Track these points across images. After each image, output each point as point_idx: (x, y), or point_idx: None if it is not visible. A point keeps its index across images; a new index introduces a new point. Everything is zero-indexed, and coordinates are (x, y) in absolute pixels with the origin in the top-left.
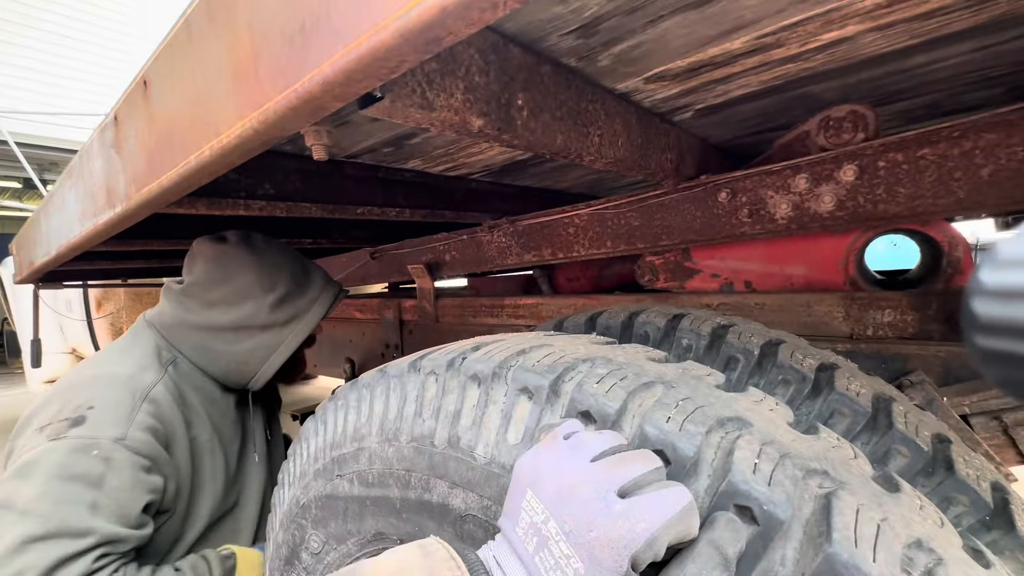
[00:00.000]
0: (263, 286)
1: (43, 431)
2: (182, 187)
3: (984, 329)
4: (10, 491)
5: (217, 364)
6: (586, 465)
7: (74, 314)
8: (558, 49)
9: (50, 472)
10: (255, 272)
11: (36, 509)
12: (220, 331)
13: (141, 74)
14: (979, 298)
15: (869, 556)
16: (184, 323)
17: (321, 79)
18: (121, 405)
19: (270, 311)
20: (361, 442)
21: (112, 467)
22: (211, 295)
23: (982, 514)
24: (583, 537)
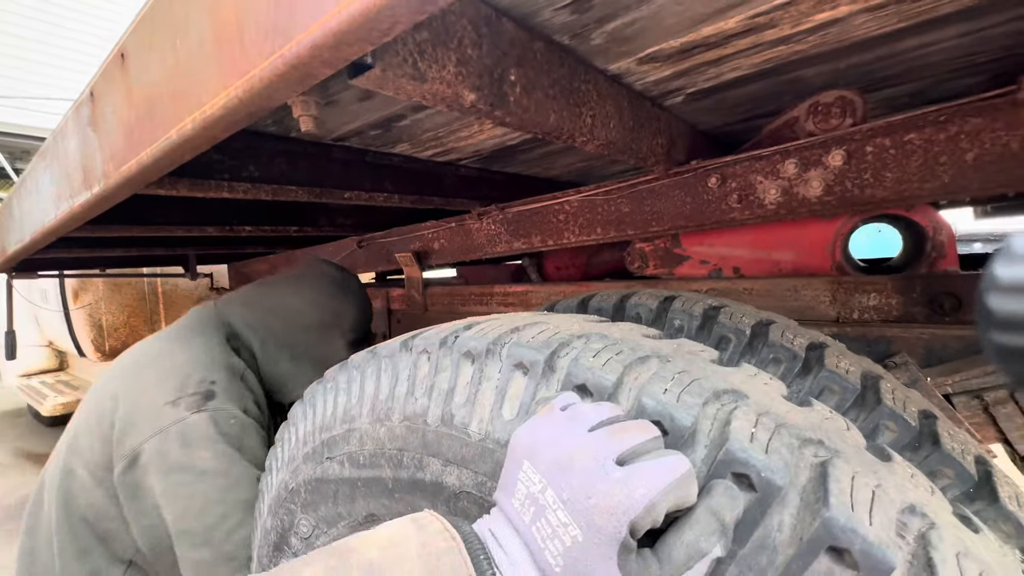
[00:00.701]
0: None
1: (178, 404)
2: (163, 164)
3: (1000, 325)
4: (181, 458)
5: (273, 374)
6: (584, 435)
7: (50, 305)
8: (551, 25)
9: (211, 438)
10: (355, 311)
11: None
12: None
13: (118, 47)
14: (995, 293)
15: (866, 519)
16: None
17: (310, 43)
18: (233, 382)
19: (346, 350)
20: (352, 423)
21: (247, 434)
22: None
23: (967, 486)
24: (581, 504)
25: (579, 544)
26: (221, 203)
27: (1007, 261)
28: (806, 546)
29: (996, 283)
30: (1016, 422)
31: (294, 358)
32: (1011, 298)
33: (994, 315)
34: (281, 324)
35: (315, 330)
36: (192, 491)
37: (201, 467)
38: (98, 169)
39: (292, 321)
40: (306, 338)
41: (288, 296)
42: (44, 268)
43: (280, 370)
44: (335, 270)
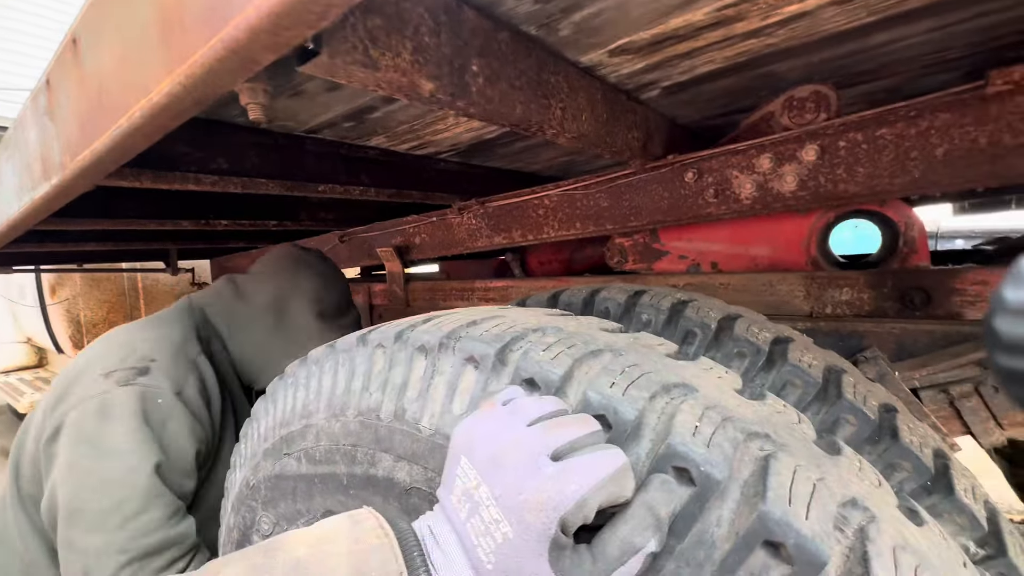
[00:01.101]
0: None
1: (110, 376)
2: (117, 154)
3: (1007, 348)
4: (93, 430)
5: (243, 358)
6: (521, 430)
7: (27, 301)
8: (516, 14)
9: (130, 414)
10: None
11: (132, 449)
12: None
13: (71, 32)
14: (1002, 316)
15: (802, 513)
16: (236, 310)
17: (246, 25)
18: (178, 364)
19: (313, 322)
20: (309, 419)
21: (173, 417)
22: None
23: (924, 479)
24: (512, 500)
25: (510, 541)
26: (198, 196)
27: (1015, 284)
28: (742, 540)
29: (1003, 306)
30: (980, 415)
31: (261, 342)
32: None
33: (1001, 338)
34: (244, 309)
35: (272, 309)
36: (92, 467)
37: (110, 444)
38: (56, 159)
39: (252, 303)
40: (265, 319)
41: (249, 281)
42: (19, 263)
43: (250, 355)
44: (293, 248)
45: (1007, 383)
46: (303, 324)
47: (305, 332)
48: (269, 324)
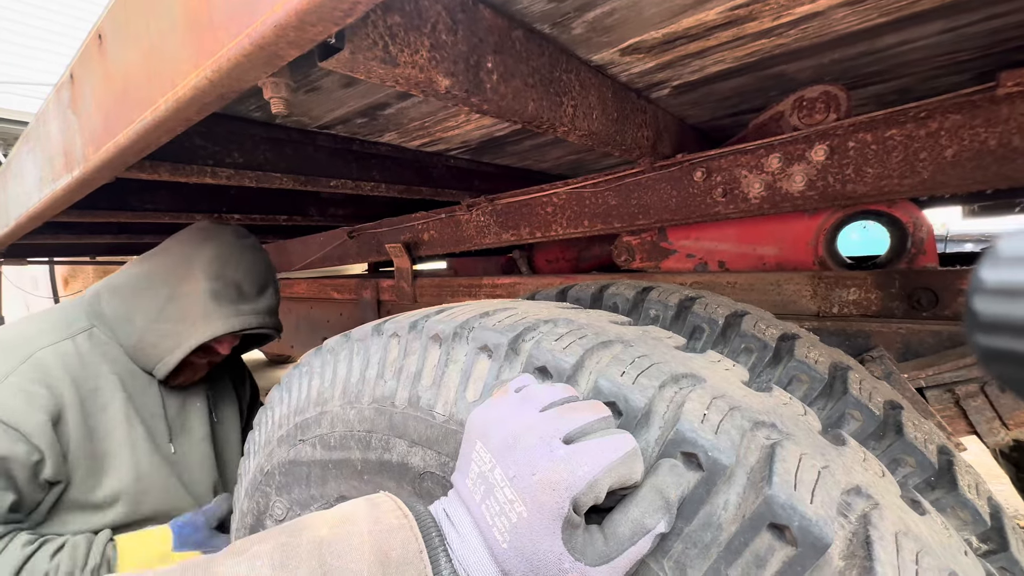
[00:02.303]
0: (210, 272)
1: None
2: (139, 146)
3: (985, 327)
4: None
5: (130, 338)
6: (534, 414)
7: (40, 292)
8: (530, 13)
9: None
10: (212, 255)
11: None
12: (149, 300)
13: (96, 27)
14: (980, 296)
15: (807, 498)
16: (116, 287)
17: (273, 22)
18: (7, 357)
19: (205, 301)
20: (324, 406)
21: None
22: (163, 260)
23: (927, 474)
24: (526, 481)
25: (524, 520)
26: (210, 190)
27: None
28: (748, 523)
29: (981, 286)
30: (986, 415)
31: (146, 322)
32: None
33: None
34: (130, 290)
35: (160, 283)
36: None
37: None
38: (78, 152)
39: (140, 283)
40: (154, 298)
41: (147, 257)
42: (34, 255)
43: (138, 340)
44: (206, 221)
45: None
46: (191, 303)
47: (195, 312)
48: (159, 303)
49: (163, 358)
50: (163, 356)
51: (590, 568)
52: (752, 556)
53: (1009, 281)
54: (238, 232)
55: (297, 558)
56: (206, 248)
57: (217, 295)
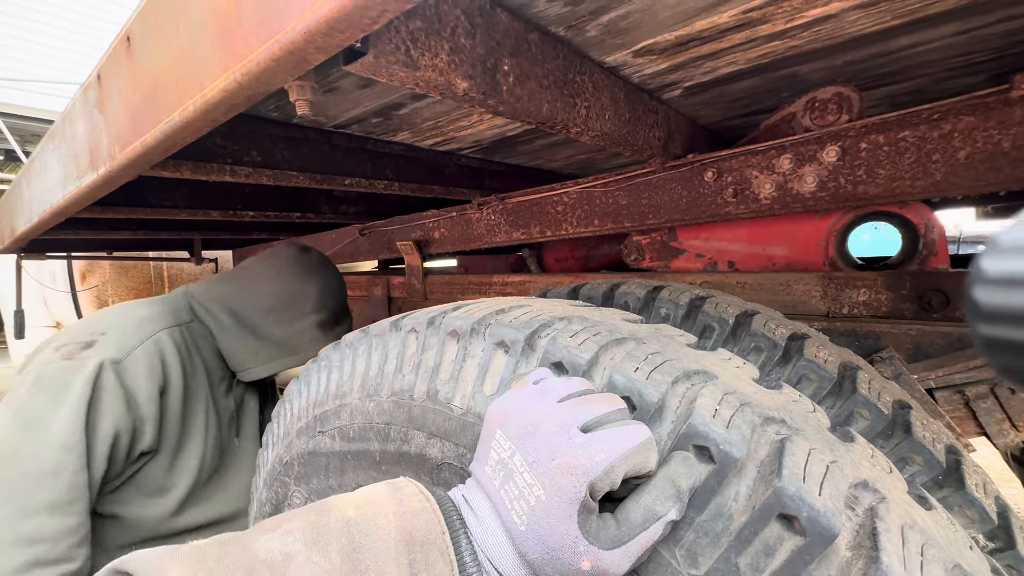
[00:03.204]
0: (318, 306)
1: (59, 350)
2: (166, 146)
3: (986, 317)
4: (23, 401)
5: (230, 345)
6: (553, 404)
7: (58, 286)
8: (546, 16)
9: (64, 387)
10: (319, 290)
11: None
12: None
13: (124, 30)
14: (981, 286)
15: (815, 490)
16: (218, 295)
17: (303, 28)
18: (128, 335)
19: (313, 330)
20: (343, 399)
21: (103, 389)
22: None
23: (935, 473)
24: (545, 466)
25: (542, 503)
26: (225, 188)
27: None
28: (758, 513)
29: (982, 276)
30: (995, 416)
31: (256, 338)
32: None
33: (980, 307)
34: (241, 306)
35: (274, 312)
36: (9, 436)
37: (31, 415)
38: (104, 150)
39: (251, 304)
40: (265, 319)
41: (250, 279)
42: (53, 250)
43: (238, 347)
44: (297, 251)
45: (988, 353)
46: (303, 329)
47: (305, 337)
48: (266, 327)
49: (256, 368)
50: (258, 366)
51: (603, 551)
52: (761, 545)
53: (1010, 270)
54: (326, 260)
55: (327, 535)
56: (312, 283)
57: (323, 325)
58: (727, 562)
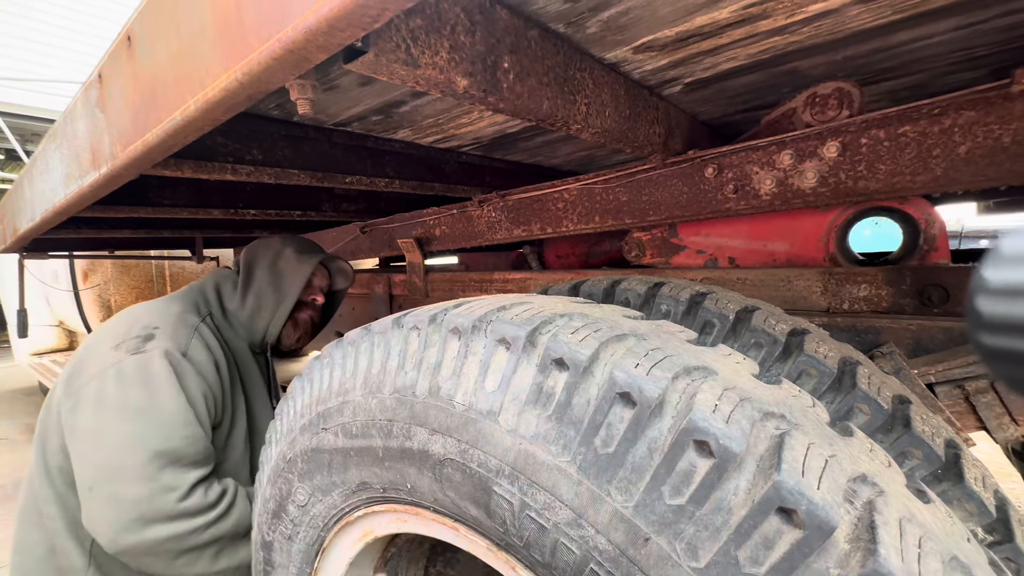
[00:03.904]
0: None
1: (119, 348)
2: (167, 145)
3: (989, 327)
4: (116, 397)
5: (247, 314)
6: None
7: (60, 285)
8: (546, 13)
9: (147, 376)
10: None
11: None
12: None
13: (125, 29)
14: (984, 296)
15: (814, 484)
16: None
17: (304, 27)
18: (180, 328)
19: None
20: (346, 396)
21: (183, 374)
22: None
23: (934, 467)
24: None
25: None
26: (227, 186)
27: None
28: (757, 507)
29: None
30: (995, 411)
31: (261, 296)
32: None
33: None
34: (244, 277)
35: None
36: (122, 428)
37: (136, 405)
38: (106, 149)
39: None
40: (263, 277)
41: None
42: (55, 249)
43: (252, 310)
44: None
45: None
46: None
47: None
48: (263, 283)
49: (274, 317)
50: (274, 314)
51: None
52: (761, 538)
53: (1013, 280)
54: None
55: None
56: (279, 239)
57: (299, 251)
58: (727, 555)
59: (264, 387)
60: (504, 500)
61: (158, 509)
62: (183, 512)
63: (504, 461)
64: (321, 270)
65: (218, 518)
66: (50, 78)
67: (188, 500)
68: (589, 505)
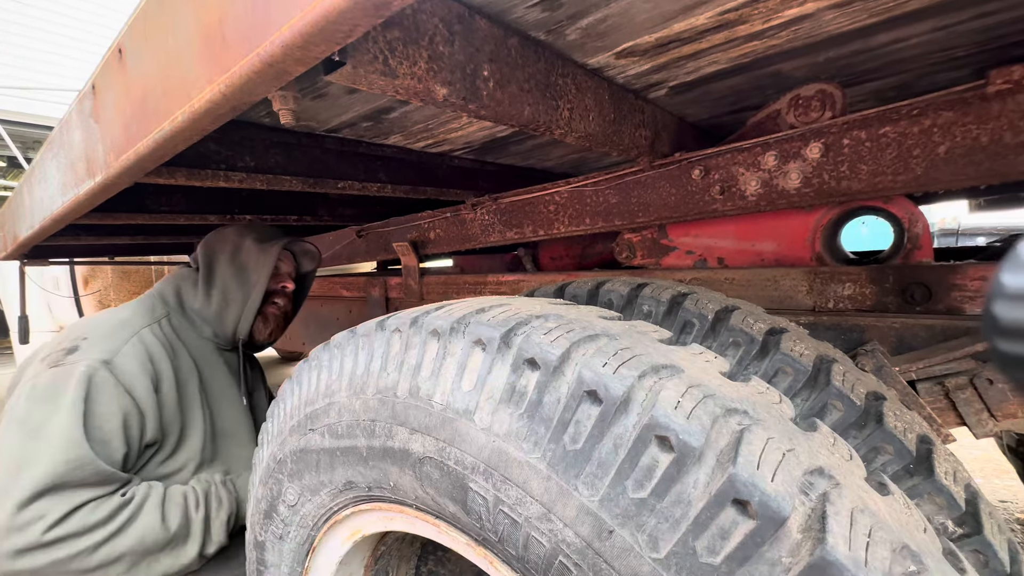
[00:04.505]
0: (249, 234)
1: (44, 360)
2: (158, 154)
3: (1005, 333)
4: (23, 413)
5: (213, 312)
6: None
7: (61, 291)
8: (525, 22)
9: (52, 393)
10: (243, 228)
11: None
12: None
13: (116, 42)
14: (1000, 301)
15: (768, 476)
16: (184, 283)
17: (281, 42)
18: (112, 337)
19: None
20: (332, 397)
21: (97, 387)
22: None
23: (905, 462)
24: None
25: None
26: (222, 192)
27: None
28: (714, 499)
29: (1002, 291)
30: (974, 407)
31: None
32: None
33: (999, 323)
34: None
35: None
36: (12, 448)
37: (32, 424)
38: (100, 158)
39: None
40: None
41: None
42: (55, 255)
43: (212, 302)
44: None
45: (1006, 368)
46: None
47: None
48: (225, 278)
49: (244, 312)
50: (243, 309)
51: None
52: (717, 529)
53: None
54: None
55: None
56: (235, 229)
57: (260, 239)
58: (686, 545)
59: (234, 385)
60: (479, 496)
61: (27, 540)
62: (53, 540)
63: (479, 459)
64: (286, 255)
65: (107, 538)
66: (50, 86)
67: (60, 527)
68: (558, 500)
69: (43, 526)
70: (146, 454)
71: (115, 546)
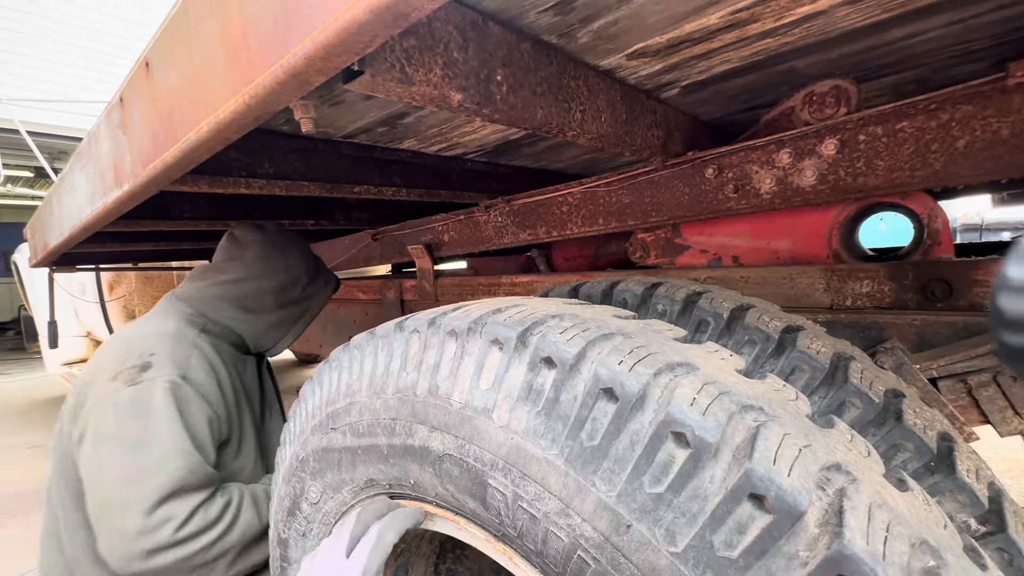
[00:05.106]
0: (300, 270)
1: (116, 378)
2: (184, 163)
3: (1012, 325)
4: (113, 432)
5: (253, 330)
6: None
7: (88, 297)
8: (537, 26)
9: (143, 409)
10: (296, 257)
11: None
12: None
13: (143, 56)
14: (1005, 294)
15: (785, 472)
16: (218, 295)
17: (303, 54)
18: (177, 349)
19: (302, 290)
20: (352, 397)
21: (184, 400)
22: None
23: (926, 459)
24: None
25: None
26: (242, 198)
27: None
28: (731, 494)
29: (1007, 283)
30: (998, 404)
31: (272, 316)
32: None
33: (1005, 315)
34: (244, 297)
35: (276, 291)
36: (119, 463)
37: (131, 439)
38: (128, 168)
39: (254, 291)
40: (274, 299)
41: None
42: (82, 262)
43: (261, 331)
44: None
45: (1012, 360)
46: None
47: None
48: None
49: (284, 340)
50: (285, 338)
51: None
52: (734, 523)
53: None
54: (280, 228)
55: None
56: (291, 251)
57: (312, 279)
58: (703, 539)
59: (258, 385)
60: (498, 492)
61: (159, 541)
62: (183, 538)
63: (498, 455)
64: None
65: (222, 534)
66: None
67: (187, 527)
68: (576, 495)
69: (173, 527)
70: (220, 453)
71: (227, 541)
